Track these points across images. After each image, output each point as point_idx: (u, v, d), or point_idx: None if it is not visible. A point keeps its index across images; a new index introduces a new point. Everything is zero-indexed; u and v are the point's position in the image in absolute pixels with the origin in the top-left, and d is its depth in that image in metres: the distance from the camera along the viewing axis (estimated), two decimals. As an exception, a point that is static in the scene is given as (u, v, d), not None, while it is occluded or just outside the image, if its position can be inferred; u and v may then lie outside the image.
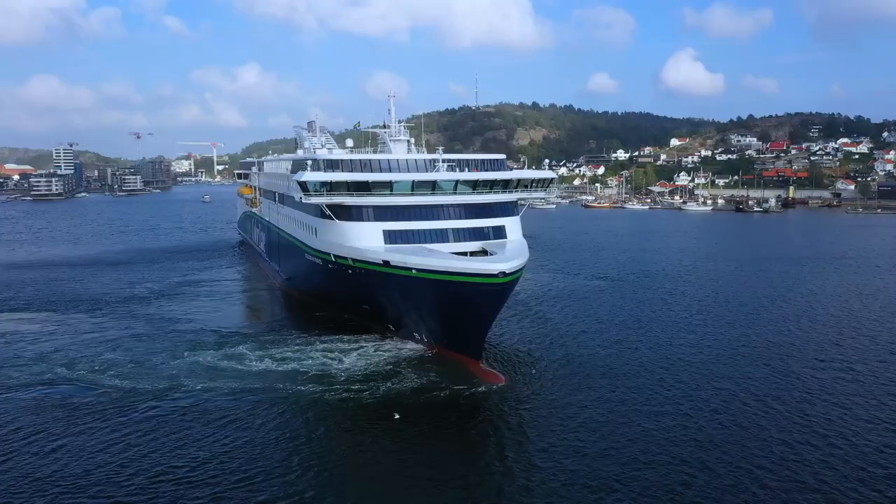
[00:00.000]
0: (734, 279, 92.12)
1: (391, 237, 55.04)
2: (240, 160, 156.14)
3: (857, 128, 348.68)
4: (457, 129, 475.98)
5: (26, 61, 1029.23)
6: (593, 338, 60.46)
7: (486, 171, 61.53)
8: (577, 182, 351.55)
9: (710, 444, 38.25)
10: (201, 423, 40.98)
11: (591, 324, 65.79)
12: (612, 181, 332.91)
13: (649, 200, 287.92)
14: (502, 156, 66.64)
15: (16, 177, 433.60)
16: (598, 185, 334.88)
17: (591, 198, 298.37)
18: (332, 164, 59.18)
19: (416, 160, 60.74)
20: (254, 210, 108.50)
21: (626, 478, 34.49)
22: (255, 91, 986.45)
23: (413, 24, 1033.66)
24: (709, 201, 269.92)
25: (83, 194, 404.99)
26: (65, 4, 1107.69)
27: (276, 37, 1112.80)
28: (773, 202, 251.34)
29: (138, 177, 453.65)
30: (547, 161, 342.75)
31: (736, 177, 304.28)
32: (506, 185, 60.18)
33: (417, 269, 49.46)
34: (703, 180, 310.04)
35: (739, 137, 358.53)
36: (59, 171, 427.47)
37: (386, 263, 51.74)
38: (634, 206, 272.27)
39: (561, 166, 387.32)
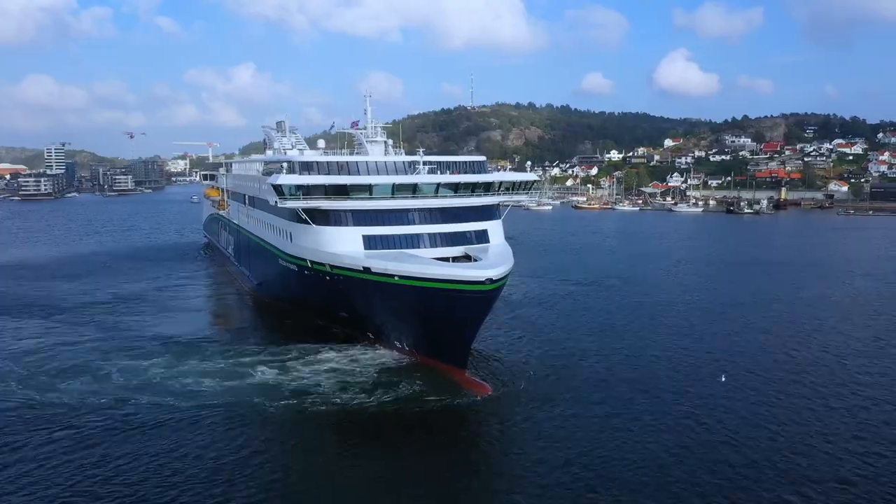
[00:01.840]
0: (705, 284, 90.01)
1: (371, 242, 53.64)
2: (205, 162, 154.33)
3: (852, 128, 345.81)
4: (452, 129, 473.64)
5: (19, 61, 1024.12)
6: (575, 344, 59.26)
7: (467, 173, 60.13)
8: (569, 183, 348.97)
9: (699, 458, 37.17)
10: (154, 440, 38.61)
11: (571, 330, 64.37)
12: (605, 182, 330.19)
13: (640, 201, 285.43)
14: (482, 157, 64.92)
15: (7, 176, 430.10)
16: (590, 185, 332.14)
17: (581, 199, 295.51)
18: (308, 167, 57.41)
19: (394, 162, 59.46)
20: (221, 212, 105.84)
21: (613, 493, 33.18)
22: (250, 91, 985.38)
23: (406, 25, 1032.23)
24: (700, 202, 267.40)
25: (73, 194, 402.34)
26: (56, 4, 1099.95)
27: (269, 37, 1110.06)
28: (764, 203, 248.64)
29: (129, 177, 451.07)
30: (529, 163, 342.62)
31: (729, 178, 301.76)
32: (487, 187, 58.75)
33: (400, 276, 48.11)
34: (695, 181, 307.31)
35: (734, 138, 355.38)
36: (49, 171, 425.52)
37: (367, 270, 50.21)
38: (625, 207, 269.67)
39: (553, 167, 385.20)
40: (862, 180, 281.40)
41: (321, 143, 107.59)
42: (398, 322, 52.05)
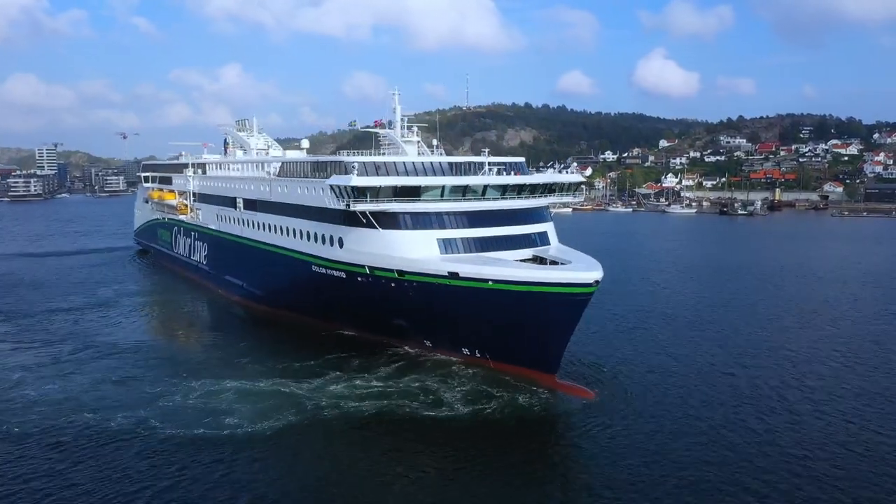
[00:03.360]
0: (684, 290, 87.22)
1: (447, 246, 51.88)
2: (143, 162, 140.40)
3: (847, 129, 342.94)
4: (446, 129, 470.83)
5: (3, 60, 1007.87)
6: (650, 342, 58.90)
7: (517, 174, 59.42)
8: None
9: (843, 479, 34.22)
10: (243, 459, 36.23)
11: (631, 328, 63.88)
12: (599, 182, 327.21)
13: (634, 203, 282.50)
14: (521, 158, 64.61)
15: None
16: (583, 186, 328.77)
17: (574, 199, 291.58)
18: (370, 168, 54.60)
19: (460, 163, 58.43)
20: (181, 218, 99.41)
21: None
22: (238, 91, 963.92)
23: (378, 24, 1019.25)
24: (693, 204, 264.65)
25: (63, 195, 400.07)
26: (30, 3, 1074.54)
27: (242, 35, 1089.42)
28: (758, 205, 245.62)
29: (121, 177, 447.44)
30: (572, 160, 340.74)
31: (723, 179, 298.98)
32: (544, 188, 58.43)
33: (494, 281, 46.59)
34: (690, 182, 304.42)
35: (729, 139, 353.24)
36: (39, 172, 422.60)
37: (453, 275, 48.17)
38: (618, 208, 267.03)
39: (548, 167, 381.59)
40: (857, 181, 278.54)
41: (305, 143, 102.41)
42: (479, 328, 49.74)
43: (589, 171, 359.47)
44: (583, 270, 46.48)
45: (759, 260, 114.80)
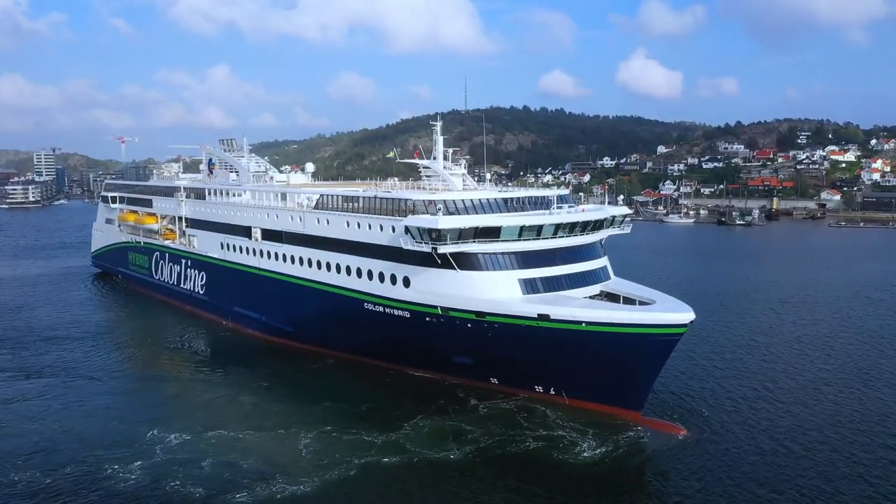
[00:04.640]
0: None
1: (527, 286, 52.52)
2: (106, 181, 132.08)
3: (845, 134, 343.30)
4: (444, 132, 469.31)
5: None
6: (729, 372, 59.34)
7: (567, 207, 61.17)
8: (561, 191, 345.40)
9: None
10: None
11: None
12: (597, 189, 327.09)
13: (632, 211, 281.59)
14: (567, 191, 66.90)
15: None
16: (581, 194, 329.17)
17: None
18: (453, 207, 54.73)
19: (528, 198, 59.86)
20: (167, 243, 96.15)
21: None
22: (230, 93, 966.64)
23: (363, 27, 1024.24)
24: (691, 212, 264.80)
25: (62, 201, 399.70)
26: (8, 5, 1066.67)
27: (220, 37, 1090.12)
28: (756, 214, 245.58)
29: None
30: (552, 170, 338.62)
31: (721, 186, 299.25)
32: (601, 224, 59.47)
33: (588, 323, 47.32)
34: (688, 189, 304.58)
35: (727, 145, 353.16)
36: (37, 178, 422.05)
37: (543, 317, 48.63)
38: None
39: (546, 174, 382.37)
40: (854, 189, 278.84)
41: (310, 166, 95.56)
42: (559, 366, 50.17)
43: (587, 178, 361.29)
44: (677, 311, 47.87)
45: (783, 280, 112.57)
